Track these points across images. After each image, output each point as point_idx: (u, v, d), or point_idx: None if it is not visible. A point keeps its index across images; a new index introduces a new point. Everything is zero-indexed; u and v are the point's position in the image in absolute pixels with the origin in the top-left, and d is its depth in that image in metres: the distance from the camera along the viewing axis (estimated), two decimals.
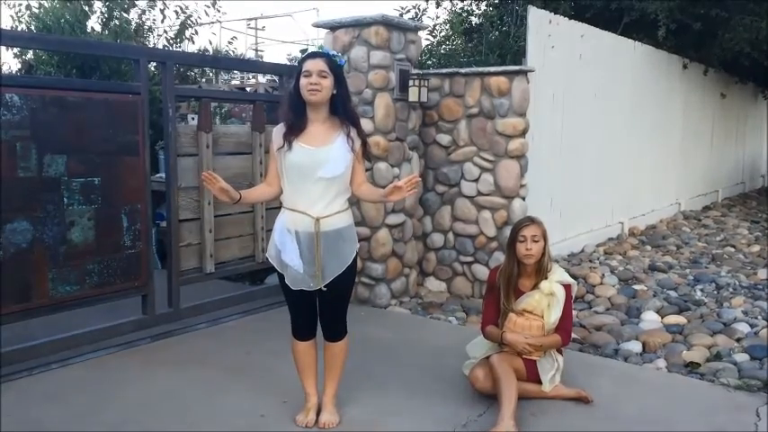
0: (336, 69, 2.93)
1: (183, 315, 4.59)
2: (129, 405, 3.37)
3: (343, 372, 3.24)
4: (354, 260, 3.04)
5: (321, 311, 3.12)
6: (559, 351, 3.52)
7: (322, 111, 2.95)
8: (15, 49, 7.80)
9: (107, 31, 7.89)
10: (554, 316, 3.36)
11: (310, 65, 2.88)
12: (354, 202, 5.15)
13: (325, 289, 2.99)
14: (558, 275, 3.43)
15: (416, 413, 3.31)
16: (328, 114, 2.97)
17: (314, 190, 2.92)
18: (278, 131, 2.99)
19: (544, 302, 3.37)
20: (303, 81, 2.88)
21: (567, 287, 3.42)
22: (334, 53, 3.03)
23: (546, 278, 3.39)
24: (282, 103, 3.06)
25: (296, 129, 2.93)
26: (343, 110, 2.98)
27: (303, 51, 2.84)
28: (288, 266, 2.96)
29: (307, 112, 2.95)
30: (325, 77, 2.88)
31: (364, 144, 3.04)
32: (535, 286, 3.40)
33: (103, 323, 4.18)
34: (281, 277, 3.03)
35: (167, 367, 3.87)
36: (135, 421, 3.19)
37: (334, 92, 2.93)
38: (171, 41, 8.61)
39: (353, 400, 3.44)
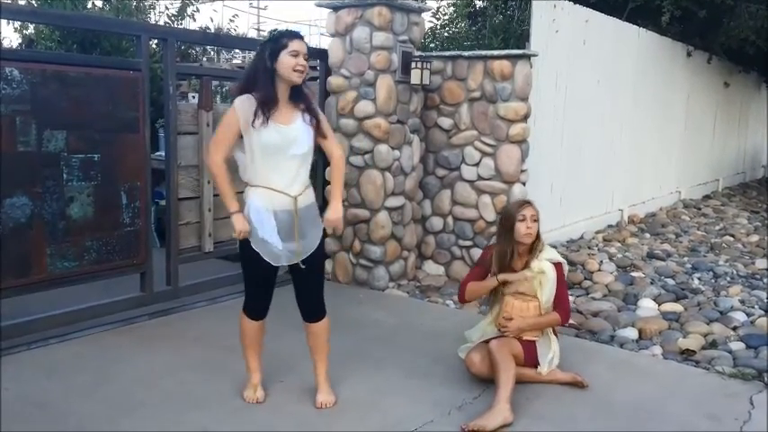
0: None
1: (182, 293, 4.60)
2: (127, 381, 3.39)
3: (329, 350, 3.24)
4: (324, 233, 3.09)
5: (301, 292, 3.12)
6: (555, 334, 3.54)
7: (288, 89, 2.95)
8: (16, 24, 7.75)
9: (108, 7, 7.85)
10: (546, 294, 3.38)
11: (299, 45, 2.88)
12: (354, 184, 5.16)
13: (303, 266, 3.00)
14: (547, 254, 3.45)
15: (413, 394, 3.33)
16: (290, 93, 2.97)
17: (288, 167, 2.93)
18: (246, 105, 2.89)
19: (536, 281, 3.39)
20: (290, 60, 2.87)
21: (558, 266, 3.44)
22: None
23: (537, 258, 3.41)
24: (252, 77, 2.95)
25: (271, 105, 2.89)
26: (302, 91, 2.99)
27: (274, 32, 2.82)
28: (267, 243, 2.95)
29: (277, 90, 2.93)
30: (307, 60, 2.91)
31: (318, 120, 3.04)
32: (526, 266, 3.42)
33: (102, 300, 4.19)
34: (252, 255, 2.98)
35: (165, 345, 3.89)
36: (133, 397, 3.21)
37: None
38: (172, 18, 8.56)
39: (351, 380, 3.45)
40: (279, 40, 2.91)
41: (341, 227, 3.16)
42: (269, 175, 2.93)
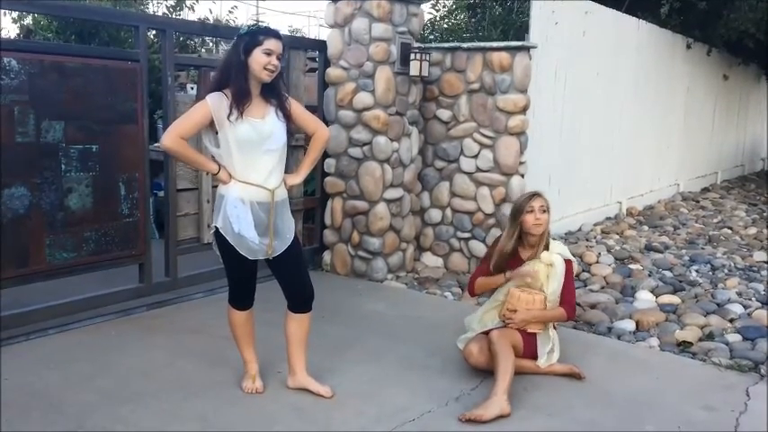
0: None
1: (180, 284, 4.61)
2: (125, 371, 3.40)
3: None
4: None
5: (288, 282, 3.13)
6: (555, 328, 3.55)
7: (259, 85, 2.95)
8: (14, 14, 7.73)
9: None
10: (552, 287, 3.39)
11: (274, 45, 2.87)
12: (353, 176, 5.16)
13: (276, 257, 3.03)
14: (558, 249, 3.46)
15: (411, 385, 3.34)
16: (262, 89, 2.97)
17: (265, 161, 2.95)
18: (219, 102, 2.87)
19: (543, 273, 3.39)
20: (263, 58, 2.85)
21: (568, 262, 3.45)
22: None
23: (547, 250, 3.42)
24: (226, 70, 2.93)
25: (245, 100, 2.88)
26: (275, 87, 2.99)
27: (253, 26, 2.78)
28: (243, 238, 2.95)
29: (249, 84, 2.92)
30: (279, 60, 2.90)
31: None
32: (534, 257, 3.43)
33: (100, 291, 4.20)
34: (229, 249, 2.98)
35: (164, 335, 3.90)
36: (132, 387, 3.22)
37: None
38: (170, 9, 8.53)
39: (349, 371, 3.47)
40: (255, 36, 2.88)
41: (293, 191, 3.09)
42: (246, 171, 2.94)
